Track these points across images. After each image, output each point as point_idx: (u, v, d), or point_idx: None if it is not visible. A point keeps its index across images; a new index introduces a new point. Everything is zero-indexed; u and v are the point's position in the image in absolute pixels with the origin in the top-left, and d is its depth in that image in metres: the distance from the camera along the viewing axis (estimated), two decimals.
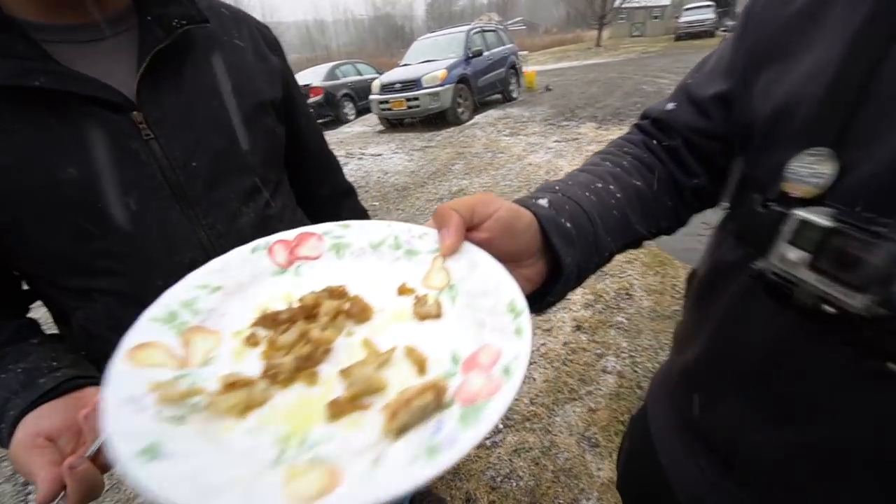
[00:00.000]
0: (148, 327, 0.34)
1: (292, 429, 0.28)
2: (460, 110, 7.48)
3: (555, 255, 0.41)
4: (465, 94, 7.60)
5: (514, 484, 1.55)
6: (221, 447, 0.26)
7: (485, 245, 0.38)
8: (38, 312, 0.64)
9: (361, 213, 0.94)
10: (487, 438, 1.85)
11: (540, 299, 0.44)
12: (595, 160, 0.53)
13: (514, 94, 9.14)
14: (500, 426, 1.79)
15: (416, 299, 0.37)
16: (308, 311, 0.36)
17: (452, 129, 7.14)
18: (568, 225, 0.42)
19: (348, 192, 0.93)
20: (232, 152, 0.62)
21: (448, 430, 0.25)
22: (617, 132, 5.20)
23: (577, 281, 0.45)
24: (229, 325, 0.36)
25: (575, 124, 6.27)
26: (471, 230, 0.39)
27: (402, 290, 0.38)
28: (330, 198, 0.89)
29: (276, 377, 0.31)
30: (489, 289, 0.35)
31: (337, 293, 0.38)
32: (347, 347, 0.34)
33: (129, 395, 0.28)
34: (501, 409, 0.25)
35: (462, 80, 7.45)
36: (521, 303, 0.33)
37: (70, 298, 0.59)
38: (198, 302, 0.37)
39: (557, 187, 0.47)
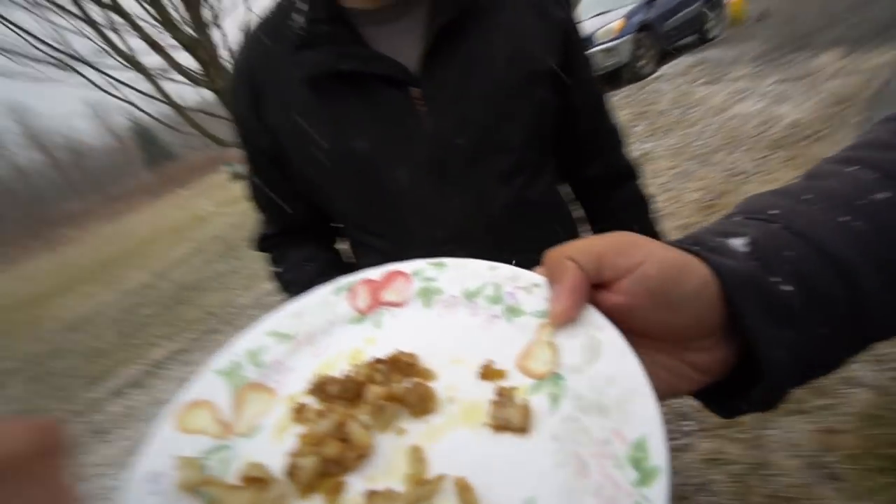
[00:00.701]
0: (207, 381, 0.31)
1: None
2: (641, 63, 6.53)
3: (751, 341, 0.25)
4: (646, 43, 6.59)
5: (710, 499, 1.31)
6: None
7: (622, 315, 0.26)
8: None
9: (639, 203, 0.77)
10: (674, 440, 1.66)
11: (723, 398, 0.29)
12: (861, 146, 0.31)
13: (715, 33, 7.56)
14: (687, 428, 1.54)
15: (498, 394, 0.27)
16: (359, 389, 0.29)
17: (631, 86, 6.33)
18: (785, 288, 0.25)
19: (626, 174, 0.76)
20: (495, 129, 0.60)
21: None
22: (880, 59, 3.81)
23: (802, 379, 0.27)
24: (288, 385, 0.32)
25: (807, 56, 4.66)
26: (600, 287, 0.27)
27: (487, 373, 0.29)
28: (601, 180, 0.74)
29: (297, 479, 0.25)
30: (610, 403, 0.24)
31: (402, 365, 0.30)
32: (391, 452, 0.27)
33: (152, 471, 0.26)
34: None
35: (644, 27, 6.47)
36: (659, 451, 0.21)
37: (355, 245, 0.70)
38: (264, 352, 0.34)
39: (775, 209, 0.29)
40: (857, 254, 0.26)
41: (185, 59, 4.29)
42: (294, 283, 0.69)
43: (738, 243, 0.27)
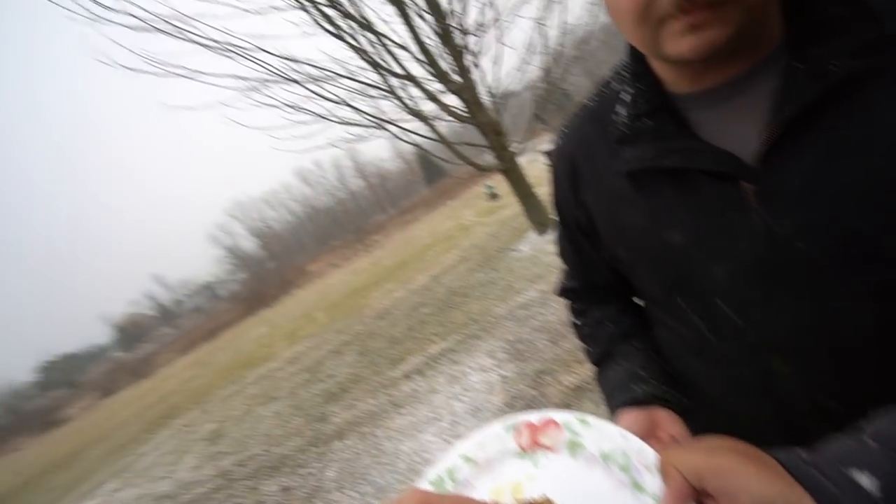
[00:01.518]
0: (432, 489, 0.45)
1: None
2: None
3: None
4: None
5: None
6: None
7: None
8: None
9: None
10: None
11: None
12: None
13: None
14: None
15: None
16: None
17: None
18: None
19: None
20: (861, 234, 0.46)
21: None
22: None
23: None
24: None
25: None
26: (707, 496, 0.31)
27: None
28: None
29: None
30: None
31: None
32: None
33: None
34: None
35: None
36: None
37: (655, 322, 0.70)
38: (457, 472, 0.46)
39: None
40: None
41: (452, 101, 5.14)
42: (593, 339, 0.75)
43: (866, 482, 0.24)
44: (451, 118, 5.47)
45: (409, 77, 4.79)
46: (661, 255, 0.57)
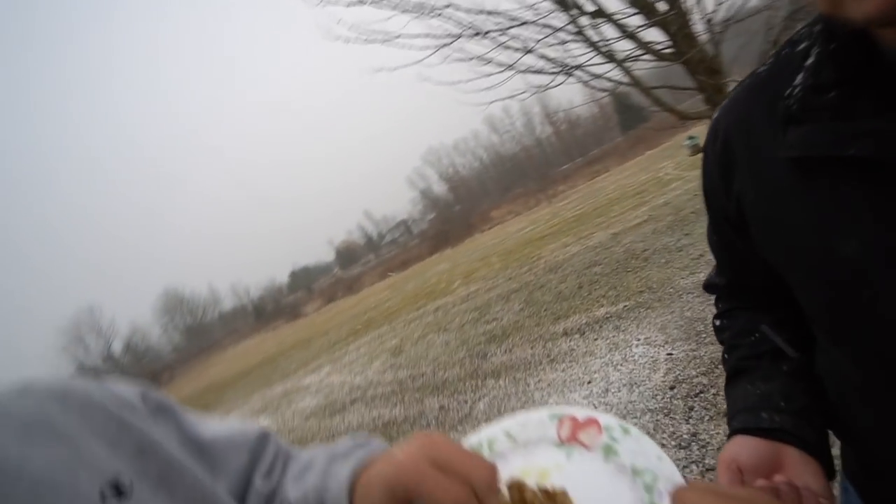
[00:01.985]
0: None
1: None
2: None
3: None
4: None
5: None
6: None
7: None
8: None
9: None
10: None
11: None
12: None
13: None
14: None
15: None
16: (523, 497, 0.42)
17: None
18: None
19: None
20: None
21: None
22: None
23: None
24: (501, 468, 0.44)
25: None
26: None
27: None
28: None
29: None
30: None
31: (559, 499, 0.41)
32: None
33: None
34: None
35: None
36: None
37: (818, 339, 0.57)
38: (496, 443, 0.51)
39: None
40: None
41: (655, 37, 4.39)
42: (732, 347, 0.65)
43: None
44: (650, 58, 4.73)
45: (601, 13, 4.23)
46: (828, 267, 0.46)
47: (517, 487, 0.45)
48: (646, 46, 4.42)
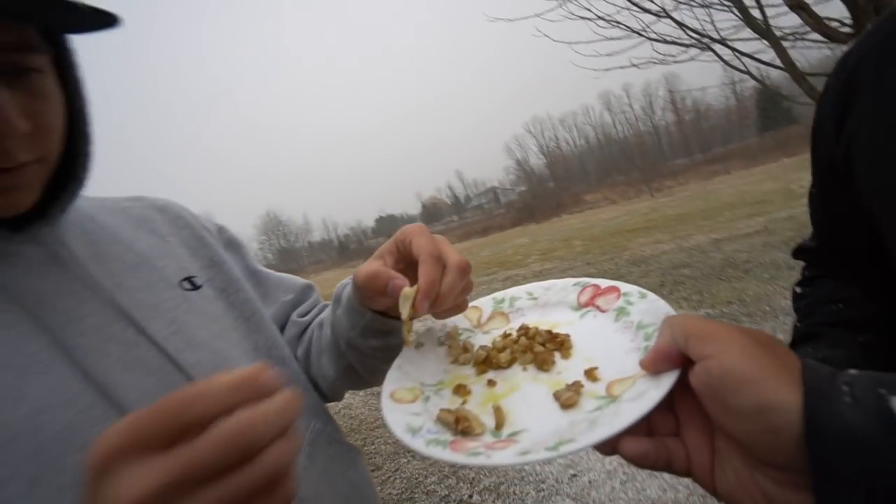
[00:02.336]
0: (488, 299, 0.58)
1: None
2: None
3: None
4: None
5: None
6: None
7: (698, 393, 0.29)
8: None
9: None
10: None
11: None
12: None
13: None
14: None
15: (575, 384, 0.41)
16: (530, 339, 0.49)
17: None
18: None
19: None
20: None
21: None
22: None
23: None
24: (516, 321, 0.54)
25: None
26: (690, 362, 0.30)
27: (588, 372, 0.42)
28: None
29: (489, 354, 0.49)
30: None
31: (561, 341, 0.47)
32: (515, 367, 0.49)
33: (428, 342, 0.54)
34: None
35: None
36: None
37: None
38: (517, 301, 0.56)
39: None
40: None
41: (831, 12, 3.67)
42: (806, 314, 0.59)
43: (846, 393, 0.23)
44: (820, 39, 3.98)
45: None
46: None
47: (523, 328, 0.51)
48: (819, 22, 3.68)
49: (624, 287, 0.49)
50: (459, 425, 0.41)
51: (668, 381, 0.34)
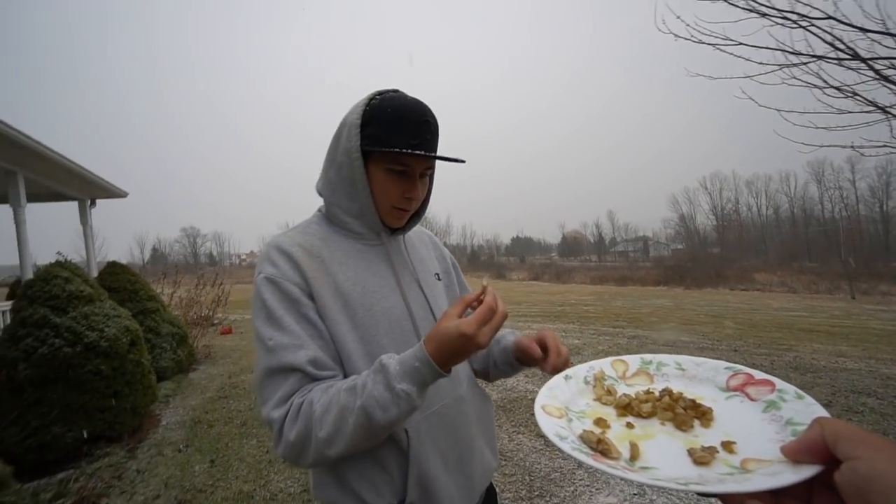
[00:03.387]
0: (636, 357, 0.64)
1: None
2: None
3: None
4: None
5: None
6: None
7: (841, 491, 0.30)
8: None
9: None
10: None
11: None
12: None
13: None
14: None
15: (706, 449, 0.43)
16: (672, 400, 0.53)
17: None
18: None
19: None
20: None
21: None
22: None
23: None
24: (659, 383, 0.59)
25: None
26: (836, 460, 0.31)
27: (726, 446, 0.44)
28: None
29: (631, 403, 0.55)
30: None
31: (702, 410, 0.50)
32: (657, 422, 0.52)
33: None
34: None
35: None
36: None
37: None
38: (665, 367, 0.62)
39: None
40: None
41: None
42: None
43: None
44: None
45: None
46: None
47: (667, 390, 0.55)
48: None
49: (780, 384, 0.49)
50: (599, 445, 0.44)
51: (807, 471, 0.33)
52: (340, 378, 0.82)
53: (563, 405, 0.54)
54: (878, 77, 3.75)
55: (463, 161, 0.92)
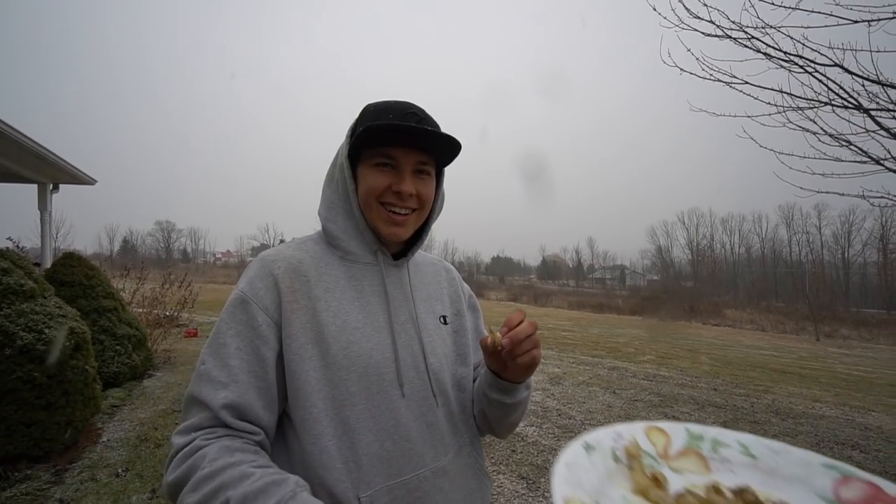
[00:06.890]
0: (679, 426, 0.52)
1: None
2: None
3: None
4: None
5: None
6: None
7: None
8: None
9: None
10: None
11: None
12: None
13: None
14: None
15: None
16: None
17: None
18: None
19: None
20: None
21: None
22: None
23: None
24: (721, 474, 0.47)
25: None
26: None
27: None
28: None
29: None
30: None
31: None
32: None
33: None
34: None
35: None
36: None
37: None
38: (725, 448, 0.50)
39: None
40: None
41: None
42: None
43: None
44: None
45: None
46: None
47: (748, 493, 0.41)
48: None
49: None
50: None
51: None
52: (261, 437, 0.74)
53: (592, 500, 0.39)
54: (879, 127, 3.73)
55: (458, 143, 0.83)
